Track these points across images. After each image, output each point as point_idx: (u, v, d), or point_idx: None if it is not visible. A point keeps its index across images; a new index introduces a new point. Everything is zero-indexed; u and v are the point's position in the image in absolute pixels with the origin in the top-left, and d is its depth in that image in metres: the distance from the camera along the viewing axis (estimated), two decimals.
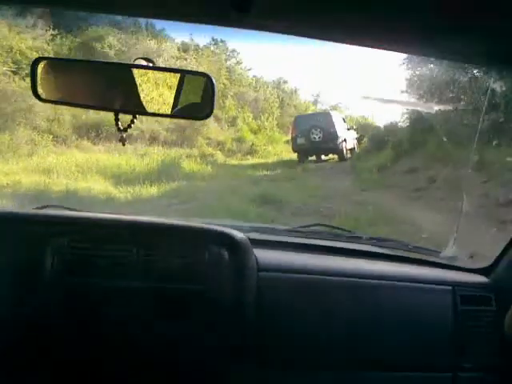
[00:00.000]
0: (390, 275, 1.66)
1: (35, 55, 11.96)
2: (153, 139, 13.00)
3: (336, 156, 13.04)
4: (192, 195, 6.86)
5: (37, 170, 8.34)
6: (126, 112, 1.28)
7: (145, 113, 1.29)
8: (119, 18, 15.52)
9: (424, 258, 1.87)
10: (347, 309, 1.57)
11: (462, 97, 8.02)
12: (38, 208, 1.81)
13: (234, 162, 12.71)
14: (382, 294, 1.62)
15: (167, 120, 13.97)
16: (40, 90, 1.23)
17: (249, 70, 20.10)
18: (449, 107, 7.65)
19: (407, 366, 1.62)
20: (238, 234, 1.50)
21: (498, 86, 6.15)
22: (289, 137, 16.96)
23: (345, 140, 12.65)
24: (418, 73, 10.47)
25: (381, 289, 1.62)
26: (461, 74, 8.19)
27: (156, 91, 1.26)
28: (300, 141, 12.32)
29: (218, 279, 1.44)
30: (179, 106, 1.29)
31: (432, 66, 8.48)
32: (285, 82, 22.32)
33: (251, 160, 13.30)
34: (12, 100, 10.59)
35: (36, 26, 13.00)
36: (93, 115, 12.65)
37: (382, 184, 8.39)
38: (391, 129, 11.95)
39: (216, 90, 1.27)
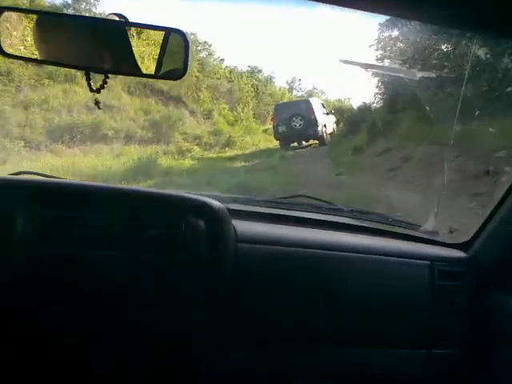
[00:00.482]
0: (368, 249, 1.65)
1: (0, 59, 11.74)
2: (128, 138, 12.88)
3: (313, 142, 13.24)
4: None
5: None
6: (97, 71, 1.19)
7: (119, 72, 1.24)
8: None
9: (404, 231, 1.86)
10: (325, 282, 1.57)
11: (446, 64, 7.88)
12: (11, 174, 1.71)
13: (211, 155, 12.66)
14: (360, 268, 1.61)
15: (141, 118, 13.98)
16: (3, 44, 1.14)
17: (221, 60, 20.00)
18: (432, 74, 7.55)
19: (382, 342, 1.62)
20: (216, 204, 1.47)
21: (482, 53, 6.11)
22: (266, 126, 17.15)
23: (325, 125, 12.90)
24: (400, 38, 10.37)
25: (359, 262, 1.61)
26: (445, 40, 8.03)
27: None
28: (281, 129, 12.66)
29: (195, 250, 1.41)
30: (160, 66, 1.24)
31: (414, 29, 8.30)
32: (259, 70, 22.26)
33: (229, 152, 13.26)
34: None
35: None
36: (66, 117, 12.52)
37: (357, 166, 8.45)
38: (365, 111, 11.98)
39: (190, 47, 1.20)
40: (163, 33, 1.25)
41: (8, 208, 1.36)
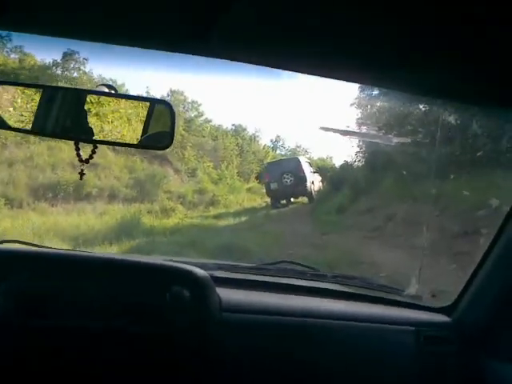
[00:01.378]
0: (353, 316, 1.65)
1: None
2: (112, 197, 12.88)
3: (301, 199, 13.76)
4: (151, 251, 6.76)
5: None
6: (86, 141, 1.22)
7: (108, 142, 1.26)
8: None
9: (388, 296, 1.88)
10: (310, 350, 1.55)
11: (420, 129, 8.16)
12: None
13: (195, 214, 12.66)
14: (345, 335, 1.60)
15: (126, 176, 14.03)
16: None
17: (208, 121, 20.43)
18: (407, 140, 7.82)
19: None
20: (200, 272, 1.46)
21: (453, 120, 6.35)
22: (250, 184, 17.41)
23: (313, 182, 13.46)
24: (377, 105, 10.76)
25: (343, 329, 1.60)
26: (418, 107, 8.35)
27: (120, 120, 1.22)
28: (273, 186, 13.19)
29: (180, 320, 1.40)
30: (146, 136, 1.26)
31: (389, 96, 8.67)
32: (244, 129, 22.76)
33: (213, 211, 13.30)
34: None
35: None
36: (50, 175, 12.50)
37: (341, 225, 8.52)
38: (347, 169, 12.25)
39: (176, 118, 1.25)
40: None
41: None
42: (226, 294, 1.56)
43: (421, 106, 8.18)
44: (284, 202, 13.60)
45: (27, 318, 1.35)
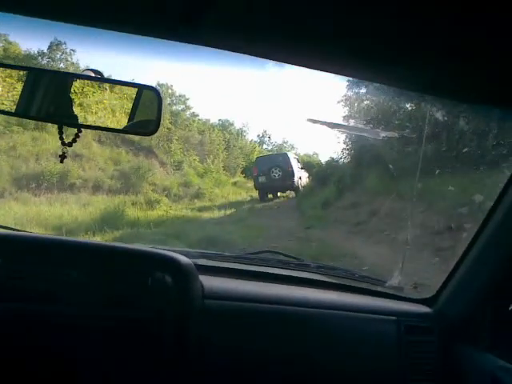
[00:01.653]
0: (335, 305, 1.66)
1: None
2: (97, 188, 12.79)
3: (286, 194, 14.08)
4: (135, 241, 6.74)
5: None
6: (70, 125, 1.22)
7: (92, 127, 1.24)
8: None
9: (370, 287, 1.89)
10: (291, 338, 1.56)
11: (408, 124, 8.23)
12: None
13: (180, 206, 12.63)
14: (327, 324, 1.61)
15: (111, 168, 13.93)
16: None
17: (195, 115, 20.38)
18: (394, 134, 7.87)
19: None
20: (184, 259, 1.46)
21: (440, 116, 6.41)
22: (236, 178, 17.50)
23: (300, 178, 13.76)
24: (365, 99, 10.83)
25: (326, 318, 1.61)
26: (406, 101, 8.42)
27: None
28: (262, 179, 13.52)
29: (161, 306, 1.40)
30: (133, 121, 1.26)
31: (377, 90, 8.72)
32: (230, 124, 22.76)
33: (198, 204, 13.29)
34: None
35: None
36: (33, 165, 12.36)
37: (325, 220, 8.56)
38: (333, 166, 12.32)
39: (163, 105, 1.24)
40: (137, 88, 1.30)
41: None
42: (209, 282, 1.56)
43: (409, 102, 8.24)
44: (271, 196, 13.85)
45: (2, 301, 1.33)
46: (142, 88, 1.32)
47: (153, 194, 12.98)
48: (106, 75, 1.22)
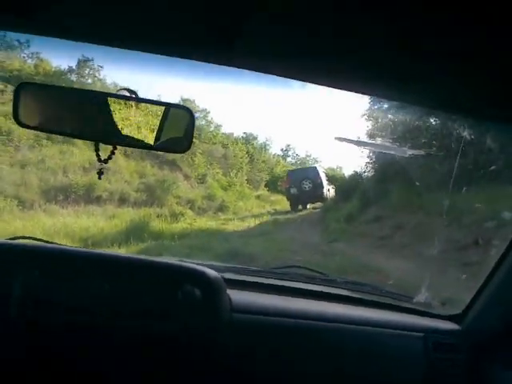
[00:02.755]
0: (362, 320, 1.65)
1: (2, 120, 12.02)
2: (122, 200, 12.95)
3: (313, 205, 14.53)
4: (160, 254, 6.80)
5: (1, 236, 8.12)
6: (106, 142, 1.25)
7: (125, 144, 1.27)
8: None
9: (397, 303, 1.87)
10: (317, 353, 1.56)
11: (434, 143, 8.21)
12: (8, 239, 1.73)
13: (204, 219, 12.70)
14: (354, 340, 1.60)
15: (136, 181, 14.12)
16: (21, 116, 1.21)
17: (218, 126, 20.54)
18: (421, 152, 7.85)
19: None
20: (212, 273, 1.48)
21: (467, 134, 6.37)
22: (259, 192, 17.63)
23: (328, 190, 14.32)
24: (391, 117, 10.77)
25: (352, 334, 1.61)
26: (433, 120, 8.43)
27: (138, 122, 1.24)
28: (293, 191, 14.36)
29: (190, 319, 1.41)
30: (162, 139, 1.28)
31: (405, 109, 8.72)
32: (254, 137, 22.83)
33: (222, 217, 13.35)
34: None
35: (5, 91, 13.11)
36: (61, 178, 12.62)
37: (349, 234, 8.50)
38: (357, 179, 12.26)
39: (195, 124, 1.28)
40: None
41: (6, 273, 1.38)
42: (236, 296, 1.57)
43: (436, 120, 8.23)
44: (300, 207, 14.39)
45: (37, 313, 1.37)
46: (175, 107, 1.36)
47: (177, 206, 13.08)
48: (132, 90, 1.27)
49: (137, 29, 0.92)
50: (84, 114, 1.25)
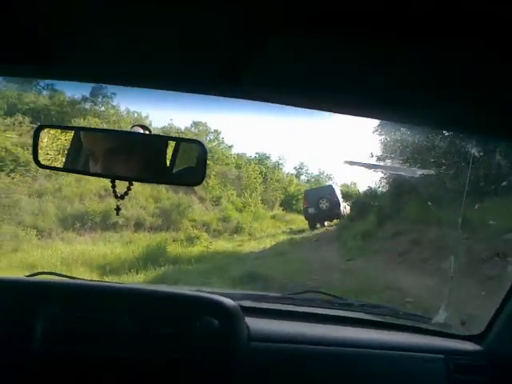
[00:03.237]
0: (381, 344, 1.64)
1: (20, 151, 12.27)
2: (138, 226, 13.04)
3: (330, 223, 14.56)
4: (178, 279, 6.82)
5: (20, 266, 8.21)
6: (123, 179, 1.29)
7: (142, 179, 1.34)
8: None
9: (416, 325, 1.86)
10: (338, 379, 1.55)
11: (444, 161, 8.25)
12: (29, 275, 1.80)
13: (220, 241, 12.72)
14: (374, 364, 1.59)
15: (152, 205, 14.23)
16: (41, 157, 1.25)
17: (230, 147, 20.69)
18: (431, 172, 7.87)
19: None
20: (229, 303, 1.50)
21: (476, 152, 6.41)
22: (274, 212, 17.64)
23: (345, 207, 14.34)
24: (399, 138, 10.79)
25: (372, 358, 1.59)
26: (442, 139, 8.47)
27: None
28: (311, 210, 14.40)
29: (208, 348, 1.42)
30: (174, 171, 1.33)
31: (412, 132, 8.78)
32: (267, 157, 22.89)
33: (238, 238, 13.35)
34: None
35: (23, 122, 13.42)
36: (77, 206, 12.78)
37: (366, 251, 8.43)
38: (372, 195, 12.21)
39: (207, 156, 1.30)
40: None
41: (29, 309, 1.42)
42: (254, 324, 1.58)
43: (444, 139, 8.26)
44: (318, 225, 14.40)
45: (59, 347, 1.40)
46: (188, 142, 1.40)
47: (192, 230, 13.12)
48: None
49: (149, 68, 0.96)
50: (100, 153, 1.28)
